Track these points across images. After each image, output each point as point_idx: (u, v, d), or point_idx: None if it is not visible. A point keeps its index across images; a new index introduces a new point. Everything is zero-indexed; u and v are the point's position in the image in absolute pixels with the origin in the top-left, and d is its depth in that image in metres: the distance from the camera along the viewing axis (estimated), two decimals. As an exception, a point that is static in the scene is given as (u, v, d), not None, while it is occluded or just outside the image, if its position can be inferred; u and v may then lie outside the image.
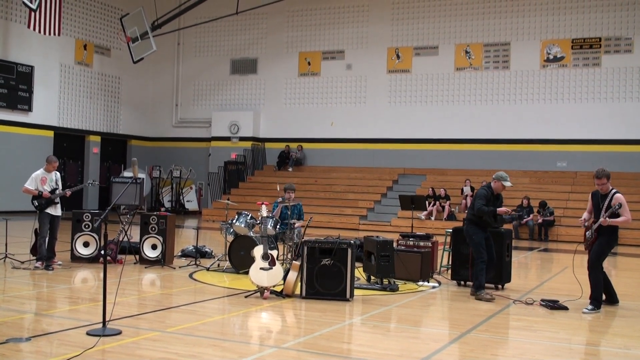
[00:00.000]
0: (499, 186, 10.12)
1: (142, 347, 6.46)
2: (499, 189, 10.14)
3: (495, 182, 10.14)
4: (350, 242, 9.33)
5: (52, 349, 6.36)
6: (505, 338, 7.79)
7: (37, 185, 11.46)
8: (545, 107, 25.01)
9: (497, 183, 10.12)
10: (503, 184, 10.08)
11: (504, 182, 10.08)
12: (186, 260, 12.77)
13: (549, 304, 9.21)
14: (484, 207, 9.90)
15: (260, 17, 29.55)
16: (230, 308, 8.80)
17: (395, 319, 8.55)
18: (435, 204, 23.01)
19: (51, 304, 8.96)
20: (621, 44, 24.21)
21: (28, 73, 25.38)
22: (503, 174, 10.21)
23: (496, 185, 10.12)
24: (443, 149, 26.19)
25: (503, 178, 10.12)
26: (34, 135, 25.59)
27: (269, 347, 6.87)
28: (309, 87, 28.85)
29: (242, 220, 11.80)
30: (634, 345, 7.32)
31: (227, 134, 29.54)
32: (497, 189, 10.14)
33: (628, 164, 23.32)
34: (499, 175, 10.20)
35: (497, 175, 10.21)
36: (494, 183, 10.15)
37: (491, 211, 9.92)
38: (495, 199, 10.12)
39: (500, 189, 10.14)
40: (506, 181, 10.11)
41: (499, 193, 10.23)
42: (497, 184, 10.11)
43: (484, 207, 9.90)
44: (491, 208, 9.94)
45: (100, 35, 28.85)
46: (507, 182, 10.12)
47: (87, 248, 12.29)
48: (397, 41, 27.35)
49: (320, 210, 23.54)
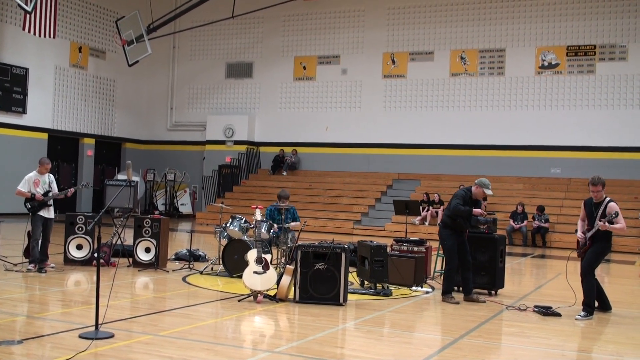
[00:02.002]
0: (479, 192, 9.92)
1: (135, 351, 6.44)
2: (480, 195, 9.97)
3: (476, 188, 9.92)
4: (344, 247, 9.33)
5: (44, 352, 6.34)
6: (498, 344, 7.79)
7: (30, 188, 11.42)
8: (540, 113, 25.07)
9: (478, 189, 9.91)
10: (484, 191, 9.89)
11: (486, 190, 9.87)
12: (180, 264, 12.76)
13: (542, 310, 9.22)
14: (460, 206, 9.70)
15: (256, 22, 29.57)
16: (223, 312, 8.78)
17: (388, 324, 8.54)
18: (430, 209, 23.03)
19: (44, 306, 8.93)
20: (616, 51, 24.31)
21: (23, 75, 25.33)
22: (486, 181, 9.97)
23: (477, 191, 9.92)
24: (438, 155, 26.23)
25: (485, 185, 9.89)
26: (28, 138, 25.53)
27: (262, 351, 6.86)
28: (304, 92, 28.87)
29: (236, 224, 11.79)
30: (626, 352, 7.34)
31: (222, 137, 29.53)
32: (477, 194, 9.96)
33: (622, 171, 23.39)
34: (482, 181, 9.95)
35: (480, 182, 9.95)
36: (476, 189, 9.93)
37: (467, 211, 9.74)
38: (472, 204, 9.94)
39: (480, 195, 9.98)
40: (487, 189, 9.88)
41: (478, 200, 10.10)
42: (479, 190, 9.91)
43: (460, 206, 9.70)
44: (467, 208, 9.75)
45: (96, 38, 28.82)
46: (488, 190, 9.88)
47: (80, 251, 12.26)
48: (392, 46, 27.40)
49: (314, 215, 23.53)
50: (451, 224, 9.85)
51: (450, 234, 9.84)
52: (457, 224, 9.83)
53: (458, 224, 9.83)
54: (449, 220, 9.89)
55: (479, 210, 9.96)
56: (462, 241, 9.90)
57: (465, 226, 9.96)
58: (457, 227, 9.84)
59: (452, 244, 9.80)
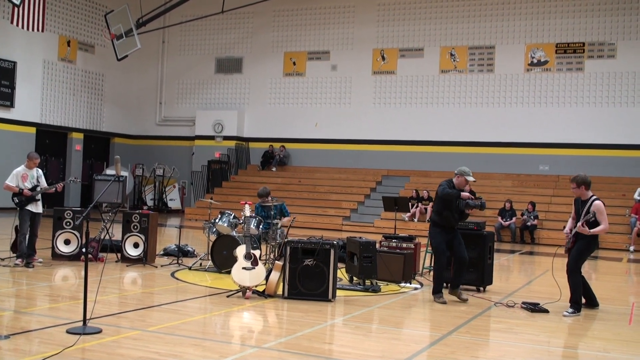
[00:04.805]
0: (462, 181, 9.60)
1: (123, 346, 6.42)
2: (462, 184, 9.61)
3: (458, 178, 9.63)
4: (333, 243, 9.33)
5: (31, 347, 6.31)
6: (486, 340, 7.83)
7: (17, 182, 11.37)
8: (529, 110, 25.15)
9: (460, 178, 9.61)
10: (466, 179, 9.59)
11: (467, 177, 9.58)
12: (168, 259, 12.72)
13: (529, 306, 9.26)
14: (447, 189, 9.46)
15: (245, 17, 29.49)
16: (212, 307, 8.77)
17: (377, 320, 8.56)
18: (419, 206, 23.08)
19: (31, 301, 8.89)
20: (604, 49, 24.40)
21: (10, 69, 25.17)
22: (465, 169, 9.67)
23: (459, 180, 9.60)
24: (427, 151, 26.26)
25: (466, 173, 9.59)
26: (16, 132, 25.38)
27: (251, 347, 6.86)
28: (293, 87, 28.83)
29: (225, 219, 11.78)
30: (613, 348, 7.38)
31: (211, 132, 29.45)
32: (459, 184, 9.61)
33: (610, 169, 23.50)
34: (462, 170, 9.65)
35: (460, 170, 9.66)
36: (457, 178, 9.63)
37: (456, 193, 9.43)
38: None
39: (463, 184, 9.61)
40: (469, 175, 9.59)
41: (462, 189, 9.66)
42: (460, 179, 9.61)
43: (447, 189, 9.46)
44: (455, 190, 9.48)
45: (84, 32, 28.67)
46: (470, 176, 9.59)
47: (68, 246, 12.21)
48: (382, 43, 27.40)
49: (303, 211, 23.51)
50: (439, 220, 9.63)
51: (438, 231, 9.63)
52: (445, 219, 9.56)
53: (445, 218, 9.55)
54: (435, 216, 9.71)
55: (466, 193, 9.59)
56: (454, 236, 9.64)
57: (453, 220, 9.60)
58: (446, 223, 9.57)
59: (439, 241, 9.58)
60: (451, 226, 9.66)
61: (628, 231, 20.73)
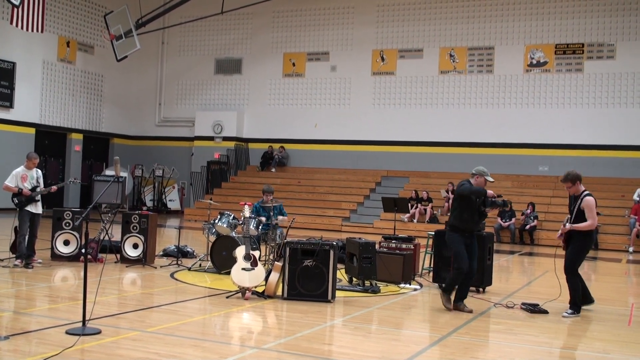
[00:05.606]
0: (481, 181, 9.06)
1: (122, 347, 6.42)
2: (482, 184, 9.07)
3: (477, 178, 9.07)
4: (332, 244, 9.33)
5: (30, 348, 6.31)
6: (486, 341, 7.82)
7: (17, 183, 11.37)
8: (528, 111, 25.15)
9: (479, 179, 9.06)
10: (486, 179, 9.08)
11: (487, 177, 9.08)
12: (168, 260, 12.72)
13: (529, 307, 9.25)
14: (473, 187, 8.96)
15: (245, 17, 29.49)
16: (211, 308, 8.77)
17: (376, 320, 8.56)
18: (418, 207, 23.07)
19: (30, 302, 8.89)
20: (604, 50, 24.41)
21: (10, 69, 25.16)
22: (484, 169, 9.14)
23: (479, 180, 9.06)
24: (426, 152, 26.25)
25: (485, 173, 9.09)
26: (15, 132, 25.36)
27: (250, 347, 6.86)
28: (293, 88, 28.83)
29: (224, 220, 11.78)
30: (612, 349, 7.38)
31: (211, 133, 29.44)
32: (479, 184, 9.06)
33: (609, 169, 23.50)
34: (480, 170, 9.12)
35: (478, 170, 9.12)
36: (476, 179, 9.07)
37: (483, 190, 8.96)
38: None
39: (482, 184, 9.07)
40: (488, 175, 9.10)
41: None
42: (480, 180, 9.06)
43: (473, 187, 8.96)
44: (483, 188, 8.98)
45: (84, 33, 28.66)
46: (489, 176, 9.11)
47: (67, 246, 12.21)
48: (381, 43, 27.40)
49: (302, 212, 23.52)
50: (459, 225, 9.04)
51: (458, 236, 9.02)
52: (465, 222, 9.00)
53: (466, 221, 9.00)
54: (455, 220, 9.09)
55: (491, 191, 9.15)
56: (471, 243, 9.08)
57: (473, 223, 9.07)
58: (466, 227, 9.01)
59: (462, 247, 8.96)
60: (471, 230, 9.10)
61: (627, 232, 20.72)
